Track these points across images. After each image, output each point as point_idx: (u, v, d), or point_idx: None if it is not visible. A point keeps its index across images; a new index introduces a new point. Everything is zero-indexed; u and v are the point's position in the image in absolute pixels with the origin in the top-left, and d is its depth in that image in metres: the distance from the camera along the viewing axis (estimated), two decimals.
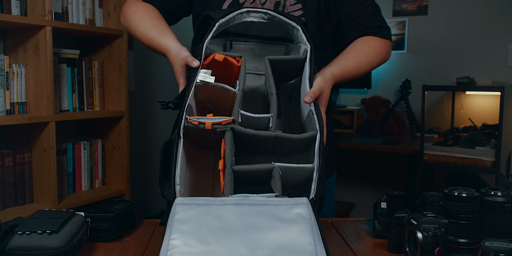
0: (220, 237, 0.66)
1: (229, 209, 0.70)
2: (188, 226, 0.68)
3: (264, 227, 0.68)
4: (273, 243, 0.66)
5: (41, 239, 0.82)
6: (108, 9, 2.29)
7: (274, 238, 0.67)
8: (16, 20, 1.82)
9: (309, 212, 0.71)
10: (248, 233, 0.67)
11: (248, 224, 0.68)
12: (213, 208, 0.71)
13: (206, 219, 0.69)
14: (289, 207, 0.72)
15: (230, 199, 0.72)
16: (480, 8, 3.03)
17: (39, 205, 1.99)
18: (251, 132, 0.83)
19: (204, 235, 0.66)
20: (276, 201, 0.73)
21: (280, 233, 0.68)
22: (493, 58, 3.01)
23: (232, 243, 0.66)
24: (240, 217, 0.69)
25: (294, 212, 0.71)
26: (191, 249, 0.65)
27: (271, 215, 0.70)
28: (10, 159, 1.93)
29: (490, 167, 2.31)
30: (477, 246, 0.90)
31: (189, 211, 0.70)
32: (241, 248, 0.65)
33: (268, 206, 0.71)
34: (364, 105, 3.28)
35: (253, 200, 0.72)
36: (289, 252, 0.65)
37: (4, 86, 1.91)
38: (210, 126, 0.83)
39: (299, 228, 0.68)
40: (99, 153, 2.35)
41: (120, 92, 2.31)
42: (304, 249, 0.66)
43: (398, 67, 3.29)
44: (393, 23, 3.27)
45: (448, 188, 0.94)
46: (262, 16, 0.99)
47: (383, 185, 3.36)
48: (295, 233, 0.68)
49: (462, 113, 3.05)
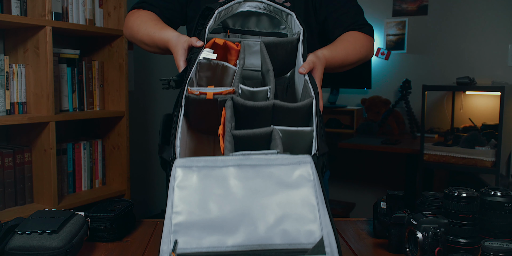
0: (222, 206, 0.65)
1: (231, 172, 0.69)
2: (190, 193, 0.67)
3: (268, 193, 0.67)
4: (277, 212, 0.65)
5: (41, 239, 0.82)
6: (108, 9, 2.29)
7: (277, 206, 0.66)
8: (16, 20, 1.82)
9: (312, 173, 0.70)
10: (251, 200, 0.66)
11: (252, 190, 0.67)
12: (214, 170, 0.69)
13: (208, 184, 0.67)
14: (292, 167, 0.70)
15: (231, 159, 0.70)
16: (480, 8, 3.03)
17: (39, 205, 1.99)
18: (250, 104, 0.83)
19: (206, 203, 0.65)
20: (279, 160, 0.71)
21: (283, 199, 0.67)
22: (493, 58, 3.01)
23: (237, 211, 0.65)
24: (243, 182, 0.68)
25: (297, 174, 0.70)
26: (194, 220, 0.64)
27: (274, 178, 0.69)
28: (10, 159, 1.93)
29: (490, 167, 2.31)
30: (477, 246, 0.90)
31: (190, 176, 0.68)
32: (245, 219, 0.64)
33: (270, 167, 0.70)
34: (364, 105, 3.28)
35: (255, 159, 0.70)
36: (293, 220, 0.65)
37: (4, 86, 1.91)
38: (211, 96, 0.84)
39: (302, 194, 0.68)
40: (99, 153, 2.35)
41: (120, 92, 2.31)
42: (307, 216, 0.65)
43: (398, 67, 3.29)
44: (393, 23, 3.27)
45: (448, 188, 0.94)
46: (258, 5, 1.06)
47: (383, 185, 3.36)
48: (298, 200, 0.67)
49: (462, 113, 3.05)
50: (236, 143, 0.78)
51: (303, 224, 0.65)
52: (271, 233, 0.64)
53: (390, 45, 3.28)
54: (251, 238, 0.63)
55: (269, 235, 0.63)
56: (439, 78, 3.13)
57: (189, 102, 0.86)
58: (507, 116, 2.36)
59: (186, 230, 0.63)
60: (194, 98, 0.85)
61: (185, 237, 0.63)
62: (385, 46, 3.29)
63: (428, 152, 2.44)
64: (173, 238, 0.62)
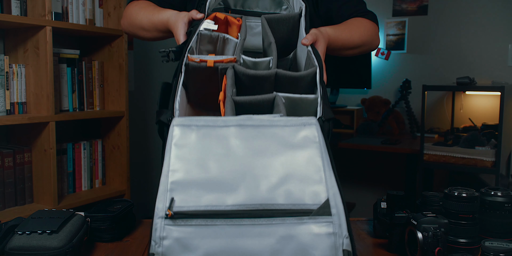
0: (222, 164, 0.62)
1: (232, 132, 0.66)
2: (188, 151, 0.63)
3: (271, 153, 0.64)
4: (280, 171, 0.62)
5: (41, 239, 0.82)
6: (108, 9, 2.29)
7: (280, 165, 0.63)
8: (16, 20, 1.82)
9: (317, 135, 0.67)
10: (253, 160, 0.63)
11: (254, 149, 0.64)
12: (214, 130, 0.66)
13: (208, 143, 0.64)
14: (296, 128, 0.67)
15: (233, 119, 0.67)
16: (480, 8, 3.03)
17: (39, 205, 1.99)
18: (252, 72, 0.81)
19: (205, 161, 0.62)
20: (282, 121, 0.67)
21: (287, 160, 0.63)
22: (493, 58, 3.01)
23: (237, 171, 0.62)
24: (244, 141, 0.65)
25: (301, 135, 0.66)
26: (192, 178, 0.60)
27: (277, 139, 0.65)
28: (10, 159, 1.93)
29: (490, 167, 2.31)
30: (477, 246, 0.90)
31: (188, 134, 0.65)
32: (246, 178, 0.61)
33: (273, 128, 0.67)
34: (364, 105, 3.28)
35: (257, 120, 0.67)
36: (297, 181, 0.62)
37: (4, 86, 1.91)
38: (212, 64, 0.82)
39: (307, 154, 0.64)
40: (99, 153, 2.35)
41: (120, 92, 2.31)
42: (312, 177, 0.62)
43: (398, 67, 3.29)
44: (393, 23, 3.27)
45: (448, 188, 0.94)
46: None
47: (383, 185, 3.36)
48: (303, 160, 0.64)
49: (462, 113, 3.05)
50: (237, 110, 0.76)
51: (308, 185, 0.61)
52: (273, 192, 0.61)
53: (390, 45, 3.28)
54: (252, 197, 0.60)
55: (272, 195, 0.60)
56: (439, 78, 3.13)
57: (189, 71, 0.84)
58: (507, 116, 2.36)
59: (184, 188, 0.60)
60: (194, 65, 0.82)
61: (182, 195, 0.60)
62: (385, 46, 3.29)
63: (428, 152, 2.44)
64: (169, 196, 0.59)
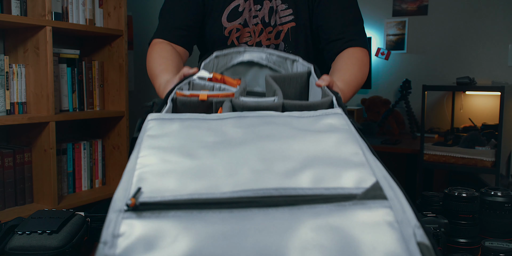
0: (216, 151, 0.45)
1: (229, 122, 0.51)
2: (167, 140, 0.47)
3: (283, 137, 0.47)
4: (301, 154, 0.44)
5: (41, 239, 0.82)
6: (108, 9, 2.29)
7: (300, 148, 0.45)
8: (16, 20, 1.82)
9: (347, 123, 0.51)
10: (260, 144, 0.46)
11: (260, 135, 0.48)
12: (204, 122, 0.51)
13: (194, 132, 0.49)
14: (316, 118, 0.51)
15: (229, 113, 0.53)
16: (480, 8, 3.03)
17: (39, 205, 1.99)
18: (253, 103, 0.63)
19: (191, 148, 0.45)
20: (297, 113, 0.53)
21: (308, 143, 0.46)
22: (493, 58, 3.01)
23: (237, 155, 0.44)
24: (246, 129, 0.49)
25: (324, 122, 0.51)
26: (171, 166, 0.43)
27: (291, 126, 0.50)
28: (10, 159, 1.93)
29: (490, 167, 2.31)
30: (477, 246, 0.90)
31: (168, 126, 0.50)
32: (253, 160, 0.43)
33: (285, 118, 0.51)
34: (364, 105, 3.28)
35: (261, 112, 0.53)
36: (327, 164, 0.43)
37: (4, 86, 1.91)
38: (205, 97, 0.67)
39: (336, 138, 0.47)
40: (99, 153, 2.34)
41: (120, 92, 2.31)
42: (349, 159, 0.44)
43: (398, 67, 3.29)
44: (393, 23, 3.27)
45: (448, 188, 0.94)
46: (260, 56, 1.01)
47: None
48: (331, 143, 0.46)
49: (462, 113, 3.04)
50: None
51: (344, 168, 0.43)
52: (294, 177, 0.42)
53: (390, 45, 3.28)
54: (262, 181, 0.41)
55: (292, 179, 0.41)
56: (439, 78, 3.13)
57: (176, 108, 0.69)
58: (507, 116, 2.36)
59: (159, 177, 0.42)
60: (183, 100, 0.68)
61: (155, 185, 0.41)
62: (385, 46, 3.29)
63: (428, 152, 2.44)
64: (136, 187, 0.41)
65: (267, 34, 1.21)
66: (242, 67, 1.04)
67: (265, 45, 1.21)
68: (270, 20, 1.20)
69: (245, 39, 1.21)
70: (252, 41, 1.21)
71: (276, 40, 1.21)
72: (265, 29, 1.20)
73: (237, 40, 1.21)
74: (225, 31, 1.20)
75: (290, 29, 1.20)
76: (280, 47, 1.22)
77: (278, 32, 1.21)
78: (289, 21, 1.20)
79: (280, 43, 1.22)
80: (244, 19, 1.20)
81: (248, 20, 1.20)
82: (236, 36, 1.20)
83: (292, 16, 1.20)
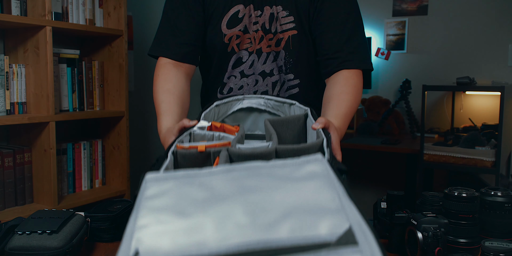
0: (205, 207, 0.49)
1: (217, 177, 0.55)
2: (162, 201, 0.51)
3: (266, 188, 0.51)
4: (281, 205, 0.48)
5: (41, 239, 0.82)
6: (108, 9, 2.29)
7: (281, 199, 0.49)
8: (16, 20, 1.82)
9: (326, 168, 0.55)
10: (244, 197, 0.50)
11: (244, 188, 0.51)
12: (196, 179, 0.55)
13: (186, 190, 0.52)
14: (297, 166, 0.55)
15: (220, 168, 0.56)
16: (480, 8, 3.03)
17: (39, 205, 1.99)
18: (247, 151, 0.71)
19: (183, 207, 0.50)
20: (280, 162, 0.56)
21: (288, 193, 0.50)
22: (493, 58, 3.01)
23: (224, 210, 0.48)
24: (232, 182, 0.53)
25: (306, 170, 0.54)
26: (166, 227, 0.47)
27: (274, 176, 0.53)
28: (10, 159, 1.93)
29: (490, 167, 2.31)
30: (477, 246, 0.90)
31: (163, 185, 0.54)
32: (237, 214, 0.47)
33: (269, 168, 0.55)
34: (364, 105, 3.28)
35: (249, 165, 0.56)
36: (305, 213, 0.47)
37: (4, 86, 1.91)
38: (203, 148, 0.74)
39: (314, 185, 0.51)
40: (99, 153, 2.35)
41: (120, 92, 2.31)
42: (325, 206, 0.48)
43: (398, 67, 3.29)
44: (393, 23, 3.27)
45: (448, 188, 0.94)
46: (258, 102, 1.05)
47: (383, 185, 3.36)
48: (310, 191, 0.50)
49: (462, 113, 3.04)
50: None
51: (320, 215, 0.47)
52: (274, 228, 0.46)
53: (390, 45, 3.28)
54: (245, 235, 0.45)
55: (272, 231, 0.45)
56: (439, 78, 3.13)
57: (177, 161, 0.75)
58: (507, 116, 2.36)
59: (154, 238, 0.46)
60: (183, 153, 0.74)
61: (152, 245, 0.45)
62: (385, 46, 3.29)
63: (428, 152, 2.44)
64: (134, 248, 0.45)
65: (267, 41, 1.20)
66: (242, 113, 1.08)
67: (265, 52, 1.20)
68: (270, 27, 1.19)
69: (245, 45, 1.20)
70: (252, 47, 1.20)
71: (277, 48, 1.20)
72: (266, 36, 1.19)
73: (237, 46, 1.20)
74: (225, 38, 1.19)
75: (291, 37, 1.19)
76: (281, 55, 1.21)
77: (279, 40, 1.19)
78: (290, 28, 1.18)
79: (280, 51, 1.20)
80: (244, 26, 1.18)
81: (248, 26, 1.19)
82: (236, 43, 1.20)
83: (293, 23, 1.18)
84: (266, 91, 1.22)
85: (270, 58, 1.21)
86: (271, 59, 1.21)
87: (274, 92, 1.23)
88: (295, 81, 1.23)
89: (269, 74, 1.22)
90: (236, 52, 1.21)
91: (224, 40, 1.20)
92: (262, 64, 1.21)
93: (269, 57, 1.21)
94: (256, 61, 1.21)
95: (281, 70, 1.22)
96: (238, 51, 1.21)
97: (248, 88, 1.23)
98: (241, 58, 1.21)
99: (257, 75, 1.22)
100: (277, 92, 1.23)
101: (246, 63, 1.22)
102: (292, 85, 1.24)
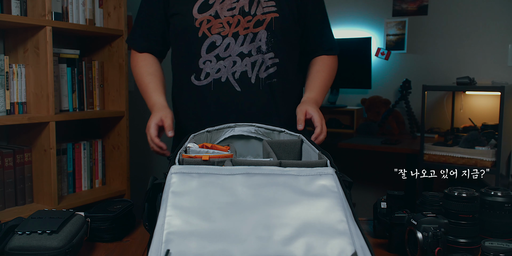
0: (229, 214, 0.55)
1: (238, 180, 0.59)
2: (188, 200, 0.56)
3: (284, 202, 0.57)
4: (296, 221, 0.55)
5: (41, 239, 0.82)
6: (108, 9, 2.29)
7: (296, 215, 0.56)
8: (16, 20, 1.82)
9: (336, 184, 0.61)
10: (264, 208, 0.56)
11: (264, 198, 0.57)
12: (218, 178, 0.59)
13: (211, 191, 0.57)
14: (311, 178, 0.61)
15: (239, 168, 0.61)
16: (480, 8, 3.03)
17: (39, 205, 1.99)
18: (252, 162, 0.74)
19: (209, 210, 0.55)
20: (294, 170, 0.62)
21: (303, 208, 0.56)
22: (493, 58, 3.01)
23: (245, 221, 0.54)
24: (253, 189, 0.58)
25: (318, 184, 0.60)
26: (192, 228, 0.53)
27: (290, 187, 0.59)
28: (10, 159, 1.93)
29: (490, 167, 2.31)
30: (477, 246, 0.90)
31: (189, 182, 0.59)
32: (257, 227, 0.53)
33: (285, 177, 0.61)
34: (364, 105, 3.28)
35: (266, 169, 0.62)
36: (317, 232, 0.54)
37: (4, 86, 1.91)
38: (207, 158, 0.77)
39: (326, 203, 0.58)
40: (99, 153, 2.34)
41: (120, 92, 2.31)
42: (335, 227, 0.55)
43: (398, 67, 3.29)
44: (393, 23, 3.27)
45: (448, 188, 0.94)
46: (249, 129, 1.09)
47: (383, 185, 3.36)
48: (322, 209, 0.57)
49: (462, 113, 3.04)
50: None
51: (330, 236, 0.54)
52: (290, 245, 0.52)
53: (390, 45, 3.28)
54: (264, 249, 0.51)
55: (289, 248, 0.52)
56: (439, 78, 3.13)
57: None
58: (507, 116, 2.36)
59: (182, 239, 0.52)
60: (188, 161, 0.77)
61: (181, 246, 0.52)
62: (385, 46, 3.29)
63: (428, 152, 2.44)
64: (165, 248, 0.51)
65: (245, 23, 1.23)
66: (233, 139, 1.10)
67: (242, 35, 1.23)
68: (250, 9, 1.23)
69: (217, 30, 1.23)
70: (225, 31, 1.23)
71: (255, 29, 1.23)
72: (244, 18, 1.22)
73: (208, 30, 1.24)
74: (196, 22, 1.24)
75: (273, 19, 1.24)
76: (260, 35, 1.23)
77: (259, 21, 1.23)
78: (272, 11, 1.24)
79: (260, 32, 1.23)
80: (215, 11, 1.23)
81: (219, 12, 1.23)
82: (207, 27, 1.24)
83: (275, 7, 1.24)
84: (245, 71, 1.24)
85: (247, 39, 1.23)
86: (248, 41, 1.23)
87: (253, 71, 1.25)
88: (274, 59, 1.26)
89: (247, 55, 1.24)
90: (208, 37, 1.24)
91: (195, 24, 1.23)
92: (239, 46, 1.24)
93: (246, 38, 1.23)
94: (233, 43, 1.23)
95: (260, 51, 1.24)
96: (210, 36, 1.23)
97: (226, 70, 1.24)
98: (214, 42, 1.24)
99: (234, 56, 1.24)
100: (256, 72, 1.25)
101: (221, 46, 1.24)
102: (271, 63, 1.26)
